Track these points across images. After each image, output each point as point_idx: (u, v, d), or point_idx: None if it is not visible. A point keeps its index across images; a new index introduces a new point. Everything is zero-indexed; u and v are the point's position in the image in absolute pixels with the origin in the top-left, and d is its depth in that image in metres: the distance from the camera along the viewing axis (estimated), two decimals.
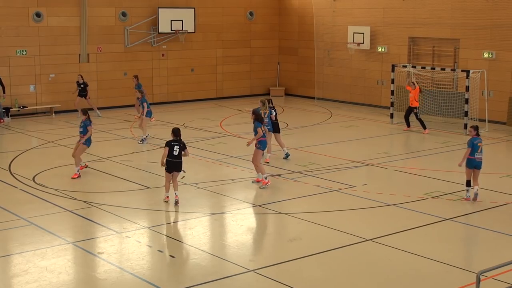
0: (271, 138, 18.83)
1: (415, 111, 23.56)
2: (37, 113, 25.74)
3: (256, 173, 16.75)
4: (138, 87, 24.76)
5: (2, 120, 25.41)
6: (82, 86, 25.71)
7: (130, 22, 28.62)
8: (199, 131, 23.33)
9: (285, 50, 33.01)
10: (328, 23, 30.54)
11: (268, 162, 18.53)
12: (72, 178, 17.09)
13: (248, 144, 16.83)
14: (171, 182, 15.04)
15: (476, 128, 15.38)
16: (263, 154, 17.03)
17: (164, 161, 14.81)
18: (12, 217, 14.02)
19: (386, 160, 18.98)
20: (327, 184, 16.66)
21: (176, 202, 14.86)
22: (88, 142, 17.44)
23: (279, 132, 19.25)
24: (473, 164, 15.14)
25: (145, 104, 21.58)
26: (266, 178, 16.49)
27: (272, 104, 19.32)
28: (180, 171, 15.05)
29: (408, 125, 23.75)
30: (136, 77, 25.59)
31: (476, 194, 15.08)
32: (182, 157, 15.00)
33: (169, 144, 14.81)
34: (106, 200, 15.34)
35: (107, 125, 24.55)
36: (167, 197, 15.06)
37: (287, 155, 19.17)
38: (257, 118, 16.82)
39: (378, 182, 17.17)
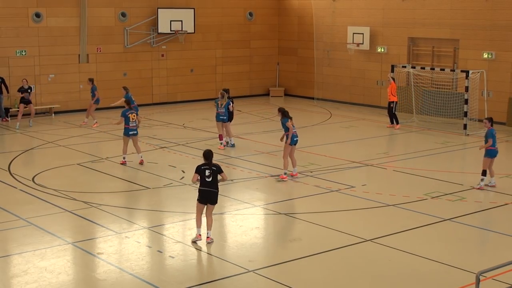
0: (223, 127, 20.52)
1: (391, 105, 24.19)
2: (36, 114, 25.71)
3: (291, 167, 17.29)
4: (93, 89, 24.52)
5: (6, 119, 25.42)
6: (29, 91, 24.56)
7: (129, 22, 28.62)
8: (198, 132, 23.33)
9: (285, 51, 33.01)
10: (328, 23, 30.54)
11: (222, 149, 20.19)
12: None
13: (282, 140, 17.53)
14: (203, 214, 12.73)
15: (491, 120, 16.52)
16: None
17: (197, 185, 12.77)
18: (11, 218, 14.02)
19: (385, 161, 18.97)
20: (326, 185, 16.66)
21: (208, 242, 12.60)
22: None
23: (230, 121, 20.92)
24: (493, 154, 16.40)
25: (96, 93, 24.17)
26: (285, 173, 17.02)
27: (229, 95, 20.87)
28: (216, 203, 12.76)
29: (392, 122, 24.18)
30: (91, 80, 25.03)
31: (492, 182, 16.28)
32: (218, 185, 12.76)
33: (199, 169, 12.61)
34: (105, 200, 15.33)
35: (106, 126, 24.53)
36: (199, 235, 12.57)
37: (232, 145, 20.68)
38: (284, 114, 17.29)
39: (378, 182, 17.17)
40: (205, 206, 12.63)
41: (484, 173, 16.36)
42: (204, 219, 12.66)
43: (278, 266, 11.47)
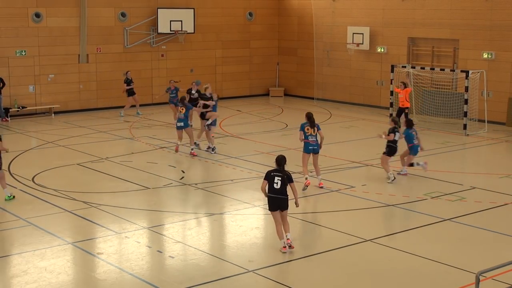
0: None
1: (406, 111, 23.11)
2: (36, 114, 25.72)
3: (318, 175, 16.54)
4: None
5: (6, 119, 25.43)
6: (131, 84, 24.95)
7: (129, 22, 28.62)
8: (198, 132, 23.31)
9: (285, 51, 33.01)
10: (328, 23, 30.55)
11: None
12: None
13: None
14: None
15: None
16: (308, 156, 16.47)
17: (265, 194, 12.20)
18: (11, 218, 14.02)
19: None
20: (326, 185, 16.65)
21: (289, 246, 12.11)
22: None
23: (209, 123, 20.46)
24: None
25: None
26: (306, 178, 16.22)
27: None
28: (287, 209, 12.19)
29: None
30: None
31: None
32: (288, 192, 12.18)
33: (269, 176, 12.07)
34: (105, 200, 15.33)
35: (106, 126, 24.55)
36: (284, 247, 12.03)
37: (213, 149, 20.18)
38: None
39: (378, 182, 17.17)
40: (279, 212, 12.06)
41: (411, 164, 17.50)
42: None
43: (278, 266, 11.46)
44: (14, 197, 15.24)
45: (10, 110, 25.86)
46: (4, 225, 13.56)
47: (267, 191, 12.06)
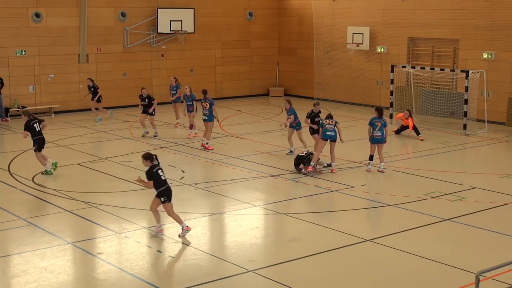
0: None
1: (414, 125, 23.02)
2: (36, 114, 25.62)
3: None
4: None
5: (6, 119, 25.43)
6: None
7: (129, 22, 28.62)
8: (198, 132, 23.31)
9: (285, 51, 33.02)
10: (328, 23, 30.55)
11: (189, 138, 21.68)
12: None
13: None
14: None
15: (378, 110, 18.17)
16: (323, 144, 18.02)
17: None
18: (11, 218, 14.01)
19: (385, 161, 18.94)
20: (326, 185, 16.66)
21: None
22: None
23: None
24: (374, 141, 17.97)
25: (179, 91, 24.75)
26: (313, 166, 17.68)
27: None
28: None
29: (418, 133, 23.02)
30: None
31: None
32: None
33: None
34: (105, 200, 15.33)
35: (106, 126, 24.55)
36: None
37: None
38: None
39: (378, 182, 17.17)
40: None
41: (371, 157, 18.01)
42: None
43: (278, 266, 11.46)
44: (55, 166, 17.56)
45: (10, 110, 25.86)
46: (4, 225, 13.56)
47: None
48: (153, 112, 22.58)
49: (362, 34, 28.73)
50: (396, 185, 16.90)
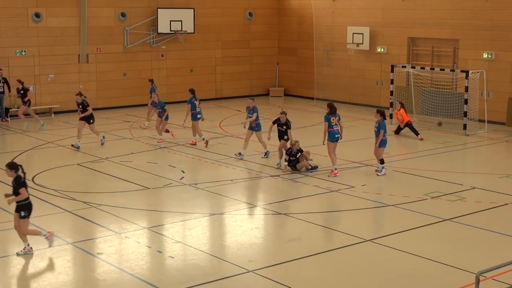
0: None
1: (409, 122, 23.15)
2: (36, 114, 25.68)
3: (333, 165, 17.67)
4: None
5: (6, 119, 25.42)
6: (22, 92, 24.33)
7: (129, 22, 28.62)
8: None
9: (285, 51, 33.02)
10: (327, 23, 30.54)
11: (194, 144, 21.11)
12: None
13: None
14: None
15: (381, 112, 17.94)
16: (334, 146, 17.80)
17: None
18: (11, 218, 13.95)
19: (385, 161, 18.95)
20: (326, 185, 16.66)
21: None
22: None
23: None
24: (385, 144, 17.74)
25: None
26: (335, 169, 17.52)
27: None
28: None
29: (417, 133, 23.07)
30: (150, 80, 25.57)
31: None
32: None
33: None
34: (105, 200, 15.33)
35: (106, 126, 24.54)
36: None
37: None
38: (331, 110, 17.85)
39: (377, 182, 17.17)
40: None
41: (382, 161, 17.66)
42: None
43: (278, 266, 11.46)
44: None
45: (10, 110, 25.87)
46: (4, 225, 13.56)
47: None
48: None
49: (362, 34, 28.72)
50: (396, 185, 16.90)
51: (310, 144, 20.85)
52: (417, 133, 22.65)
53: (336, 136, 17.64)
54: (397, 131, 23.38)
